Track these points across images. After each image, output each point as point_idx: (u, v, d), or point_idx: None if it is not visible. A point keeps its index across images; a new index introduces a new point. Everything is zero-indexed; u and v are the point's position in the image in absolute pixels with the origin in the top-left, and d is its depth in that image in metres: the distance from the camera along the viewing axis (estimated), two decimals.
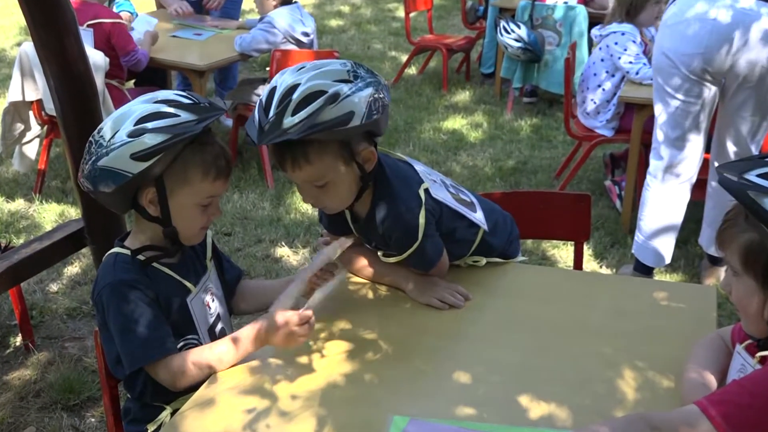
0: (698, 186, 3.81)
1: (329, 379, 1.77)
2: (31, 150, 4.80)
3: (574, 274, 2.55)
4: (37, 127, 4.73)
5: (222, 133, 5.66)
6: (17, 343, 3.41)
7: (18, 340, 3.42)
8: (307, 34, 5.08)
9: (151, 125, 1.77)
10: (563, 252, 4.19)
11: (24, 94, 4.51)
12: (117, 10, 5.16)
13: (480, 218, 2.19)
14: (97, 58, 4.28)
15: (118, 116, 1.81)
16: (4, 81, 6.62)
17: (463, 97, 6.90)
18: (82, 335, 3.50)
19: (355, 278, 2.20)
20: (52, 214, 4.63)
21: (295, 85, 1.81)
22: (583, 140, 4.90)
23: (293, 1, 5.11)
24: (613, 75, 4.66)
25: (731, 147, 3.61)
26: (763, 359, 1.58)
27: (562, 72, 4.99)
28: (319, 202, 2.00)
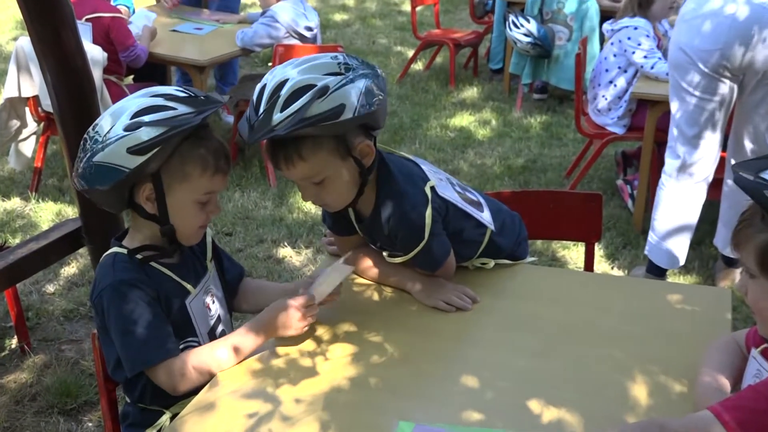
0: (714, 185, 3.81)
1: (333, 383, 1.77)
2: (28, 147, 4.81)
3: (584, 276, 2.55)
4: (33, 124, 4.74)
5: (223, 130, 5.67)
6: (13, 346, 3.42)
7: (14, 342, 3.43)
8: (310, 28, 5.09)
9: (147, 118, 1.77)
10: (573, 253, 4.19)
11: (20, 90, 4.52)
12: (113, 5, 5.17)
13: (487, 218, 2.19)
14: (95, 53, 4.29)
15: (114, 111, 1.81)
16: (0, 77, 6.64)
17: (471, 93, 6.90)
18: (79, 337, 3.51)
19: (360, 279, 2.20)
20: (48, 214, 4.64)
21: (284, 80, 1.82)
22: (594, 138, 4.89)
23: None
24: (625, 71, 4.66)
25: (748, 145, 3.61)
26: None
27: (573, 68, 4.99)
28: (319, 200, 2.00)
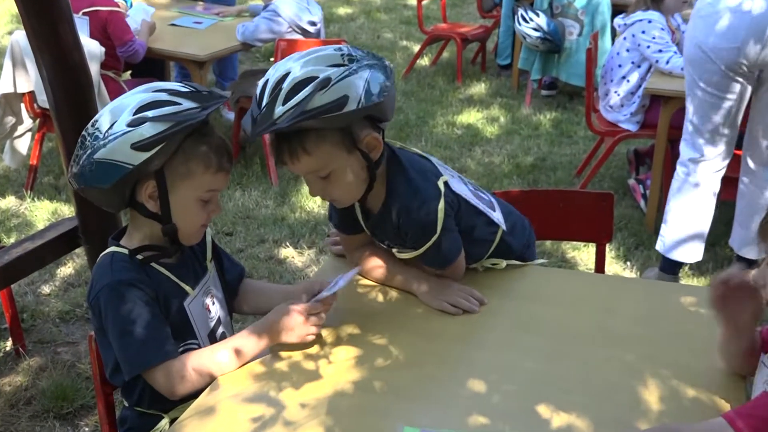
0: (729, 185, 3.81)
1: (337, 387, 1.77)
2: (23, 144, 4.82)
3: (595, 278, 2.55)
4: (29, 121, 4.75)
5: (225, 127, 5.68)
6: (7, 348, 3.43)
7: (8, 344, 3.44)
8: (313, 23, 5.09)
9: (152, 113, 1.78)
10: (584, 254, 4.19)
11: (15, 86, 4.53)
12: None
13: (499, 217, 2.19)
14: (92, 48, 4.30)
15: (115, 107, 1.82)
16: None
17: (479, 89, 6.90)
18: (75, 340, 3.51)
19: (364, 280, 2.20)
20: (44, 212, 4.65)
21: (287, 74, 1.83)
22: (605, 135, 4.89)
23: None
24: (639, 66, 4.66)
25: (764, 141, 3.62)
26: None
27: (584, 63, 4.98)
28: (326, 195, 2.00)
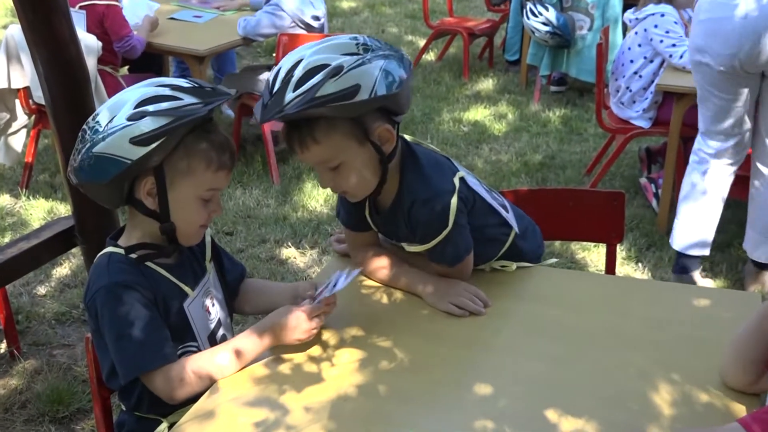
0: (742, 184, 3.81)
1: (340, 391, 1.78)
2: (18, 141, 4.83)
3: (606, 279, 2.55)
4: (24, 117, 4.76)
5: (225, 124, 5.69)
6: (1, 351, 3.44)
7: (2, 347, 3.45)
8: (317, 17, 5.09)
9: (152, 108, 1.79)
10: (594, 255, 4.19)
11: (10, 81, 4.54)
12: None
13: (512, 218, 2.20)
14: (89, 42, 4.31)
15: (116, 102, 1.83)
16: None
17: (486, 85, 6.90)
18: (71, 342, 3.52)
19: (369, 281, 2.21)
20: (39, 211, 4.66)
21: (299, 61, 1.84)
22: (616, 133, 4.89)
23: None
24: (651, 60, 4.65)
25: None
26: None
27: (594, 59, 4.98)
28: (337, 188, 2.01)
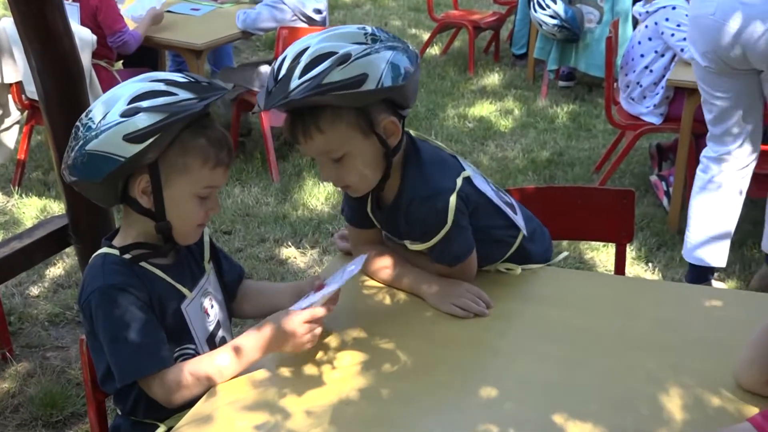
0: (758, 181, 3.80)
1: (341, 395, 1.78)
2: (10, 138, 4.83)
3: (614, 280, 2.55)
4: (16, 113, 4.76)
5: (223, 120, 5.68)
6: None
7: None
8: (319, 10, 5.08)
9: (146, 104, 1.79)
10: (603, 255, 4.19)
11: (2, 76, 4.54)
12: None
13: (520, 221, 2.20)
14: (83, 35, 4.31)
15: (109, 97, 1.83)
16: None
17: (492, 80, 6.90)
18: (65, 344, 3.53)
19: (371, 282, 2.21)
20: (32, 210, 4.66)
21: (306, 48, 1.86)
22: (626, 129, 4.89)
23: None
24: (662, 55, 4.65)
25: None
26: None
27: (603, 53, 4.98)
28: (339, 181, 2.01)
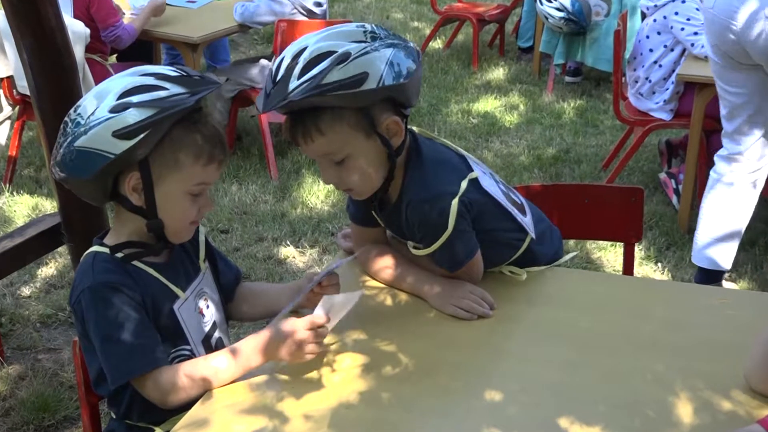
0: None
1: (341, 399, 1.78)
2: (1, 134, 4.84)
3: (622, 280, 2.55)
4: (7, 108, 4.78)
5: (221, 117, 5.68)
6: None
7: None
8: (319, 3, 5.08)
9: (135, 99, 1.79)
10: (611, 254, 4.19)
11: None
12: None
13: (529, 223, 2.20)
14: (77, 28, 4.32)
15: (98, 92, 1.83)
16: None
17: (497, 75, 6.90)
18: (57, 346, 3.53)
19: (372, 282, 2.21)
20: (24, 208, 4.67)
21: (304, 48, 1.86)
22: (635, 125, 4.89)
23: None
24: (672, 49, 4.65)
25: None
26: None
27: (611, 46, 4.98)
28: (341, 183, 2.01)
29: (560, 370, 1.86)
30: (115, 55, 5.54)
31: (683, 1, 4.58)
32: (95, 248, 1.93)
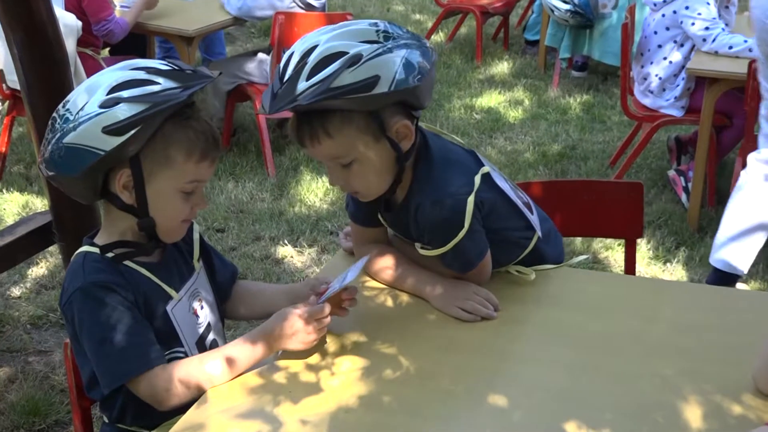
0: None
1: (341, 402, 1.78)
2: None
3: (630, 281, 2.55)
4: None
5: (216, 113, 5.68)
6: None
7: None
8: None
9: (126, 94, 1.78)
10: (618, 254, 4.19)
11: None
12: None
13: (536, 221, 2.20)
14: (68, 21, 4.31)
15: (88, 86, 1.82)
16: None
17: (501, 69, 6.90)
18: (48, 348, 3.53)
19: (372, 283, 2.21)
20: (14, 206, 4.67)
21: (314, 46, 1.84)
22: (643, 121, 4.88)
23: None
24: (681, 45, 4.64)
25: None
26: None
27: (619, 40, 4.98)
28: (347, 186, 2.01)
29: (566, 374, 1.86)
30: (108, 49, 5.53)
31: None
32: (85, 248, 1.93)
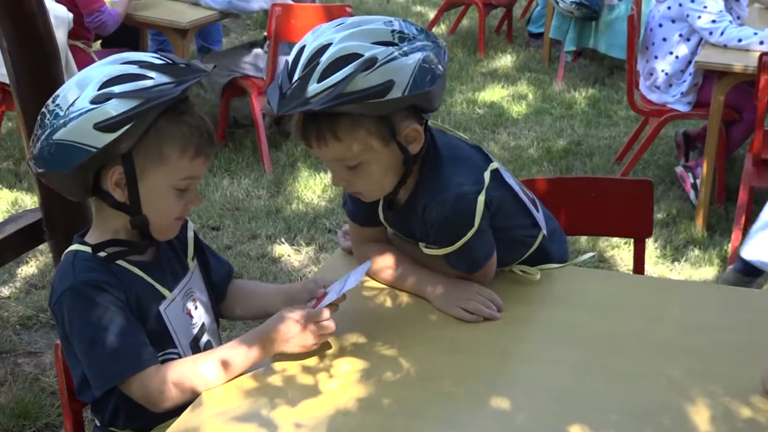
0: None
1: (339, 405, 1.78)
2: None
3: (637, 280, 2.55)
4: None
5: (211, 105, 5.67)
6: None
7: None
8: None
9: (118, 89, 1.78)
10: (625, 253, 4.19)
11: None
12: None
13: (541, 218, 2.21)
14: (59, 13, 4.31)
15: (78, 81, 1.82)
16: None
17: (504, 62, 6.90)
18: (38, 349, 3.53)
19: (372, 282, 2.21)
20: (3, 203, 4.67)
21: (326, 45, 1.83)
22: (650, 116, 4.89)
23: None
24: (688, 38, 4.64)
25: None
26: None
27: (626, 32, 4.97)
28: (351, 187, 2.01)
29: (570, 375, 1.87)
30: (99, 42, 5.53)
31: None
32: (76, 247, 1.93)
